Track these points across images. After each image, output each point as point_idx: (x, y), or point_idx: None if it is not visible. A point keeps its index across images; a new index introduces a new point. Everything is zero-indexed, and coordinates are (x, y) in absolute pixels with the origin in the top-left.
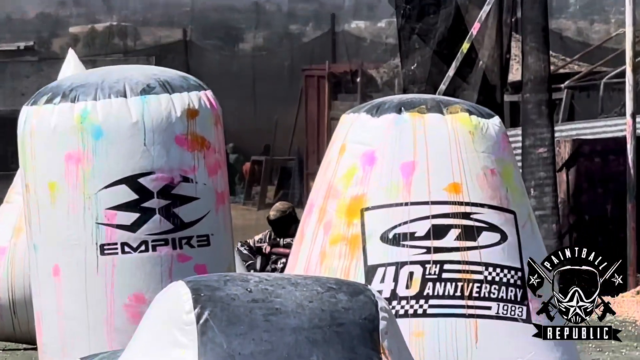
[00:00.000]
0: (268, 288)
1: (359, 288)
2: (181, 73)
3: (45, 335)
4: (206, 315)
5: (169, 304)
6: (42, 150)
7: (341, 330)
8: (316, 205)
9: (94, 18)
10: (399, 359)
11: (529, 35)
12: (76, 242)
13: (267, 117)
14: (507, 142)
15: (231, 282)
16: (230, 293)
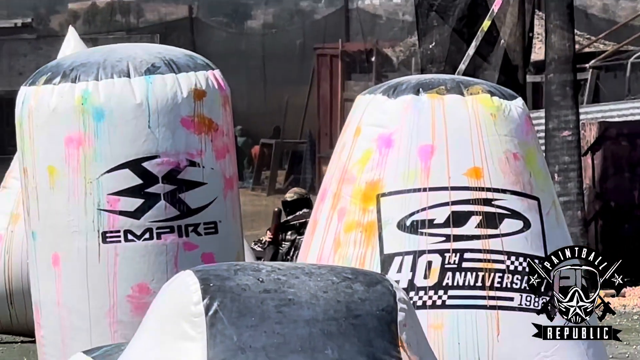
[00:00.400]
0: (281, 278)
1: (376, 278)
2: (188, 52)
3: (44, 328)
4: (215, 306)
5: (177, 295)
6: (41, 133)
7: (357, 322)
8: (330, 191)
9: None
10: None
11: (552, 13)
12: (77, 229)
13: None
14: (531, 125)
15: (242, 272)
16: (240, 283)
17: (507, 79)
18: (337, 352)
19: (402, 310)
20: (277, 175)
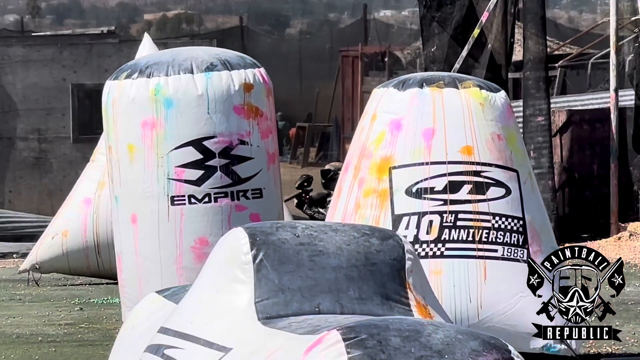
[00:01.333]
0: (313, 233)
1: (388, 234)
2: (239, 53)
3: (124, 272)
4: (261, 256)
5: (230, 247)
6: (122, 118)
7: (374, 269)
8: (352, 164)
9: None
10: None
11: (529, 23)
12: (150, 194)
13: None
14: (511, 112)
15: (282, 229)
16: (281, 237)
17: (493, 75)
18: (357, 292)
19: (409, 259)
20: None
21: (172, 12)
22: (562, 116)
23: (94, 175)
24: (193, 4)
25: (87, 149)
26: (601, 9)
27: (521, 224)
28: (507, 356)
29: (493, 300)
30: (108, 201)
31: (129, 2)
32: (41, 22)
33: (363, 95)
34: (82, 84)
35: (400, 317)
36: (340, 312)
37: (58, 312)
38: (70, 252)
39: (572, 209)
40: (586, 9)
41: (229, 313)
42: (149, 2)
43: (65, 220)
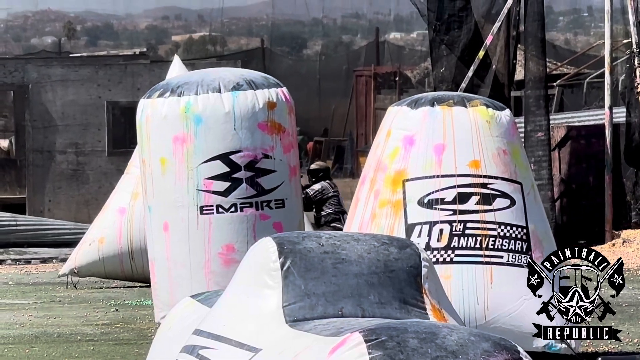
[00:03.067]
0: (336, 243)
1: (406, 243)
2: (263, 74)
3: (157, 276)
4: (288, 263)
5: (260, 255)
6: (155, 133)
7: (392, 275)
8: (368, 177)
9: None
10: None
11: (529, 45)
12: (181, 204)
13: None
14: (516, 129)
15: (307, 238)
16: (307, 246)
17: (496, 94)
18: (377, 297)
19: (425, 266)
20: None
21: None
22: (560, 131)
23: (127, 186)
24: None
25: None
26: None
27: (525, 232)
28: (517, 356)
29: (499, 303)
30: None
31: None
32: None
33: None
34: (116, 101)
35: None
36: (361, 316)
37: (95, 313)
38: (106, 257)
39: (570, 218)
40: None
41: (258, 316)
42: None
43: (101, 229)
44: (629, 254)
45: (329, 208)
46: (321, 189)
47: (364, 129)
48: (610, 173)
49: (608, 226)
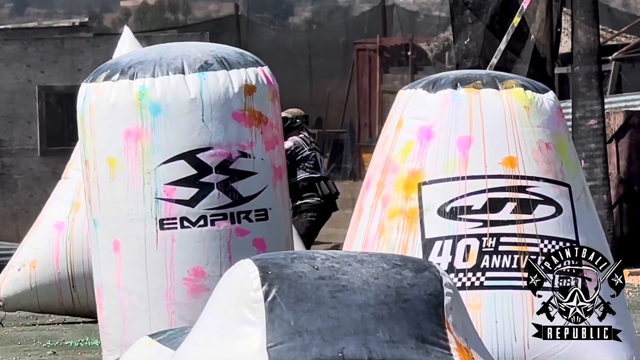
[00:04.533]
0: (334, 265)
1: (423, 264)
2: (238, 49)
3: (106, 309)
4: (274, 292)
5: (237, 282)
6: (101, 127)
7: (407, 306)
8: (374, 180)
9: None
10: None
11: (578, 9)
12: (136, 217)
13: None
14: (562, 117)
15: (298, 260)
16: (297, 270)
17: (537, 71)
18: (388, 334)
19: (448, 294)
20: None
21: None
22: (618, 118)
23: (66, 194)
24: None
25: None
26: None
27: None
28: None
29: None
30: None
31: None
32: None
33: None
34: (51, 86)
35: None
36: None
37: (27, 357)
38: (40, 286)
39: (632, 228)
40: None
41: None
42: None
43: (33, 249)
44: None
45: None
46: (293, 146)
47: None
48: None
49: None
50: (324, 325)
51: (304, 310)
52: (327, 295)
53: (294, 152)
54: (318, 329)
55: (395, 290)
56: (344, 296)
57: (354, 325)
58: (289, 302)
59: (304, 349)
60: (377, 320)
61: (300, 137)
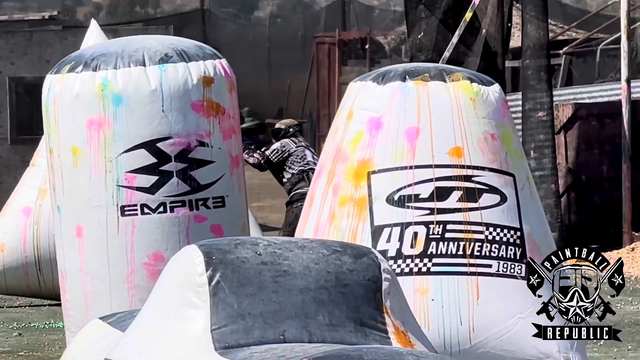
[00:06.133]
0: (276, 251)
1: (362, 250)
2: (197, 42)
3: (69, 293)
4: (218, 277)
5: (183, 267)
6: (65, 117)
7: (346, 290)
8: (325, 169)
9: None
10: (400, 317)
11: (528, 5)
12: (98, 203)
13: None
14: (507, 108)
15: (241, 246)
16: (240, 256)
17: (488, 64)
18: (327, 318)
19: (387, 279)
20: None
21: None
22: (566, 110)
23: (34, 181)
24: None
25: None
26: None
27: (518, 235)
28: None
29: (487, 323)
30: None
31: None
32: None
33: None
34: (20, 77)
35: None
36: (308, 340)
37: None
38: (8, 269)
39: (579, 216)
40: None
41: (182, 342)
42: None
43: (1, 233)
44: None
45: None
46: (280, 146)
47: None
48: (628, 161)
49: (626, 226)
50: (266, 308)
51: (247, 294)
52: (269, 280)
53: (281, 150)
54: (260, 312)
55: (335, 275)
56: (286, 281)
57: (295, 309)
58: (232, 287)
59: (247, 331)
60: (318, 304)
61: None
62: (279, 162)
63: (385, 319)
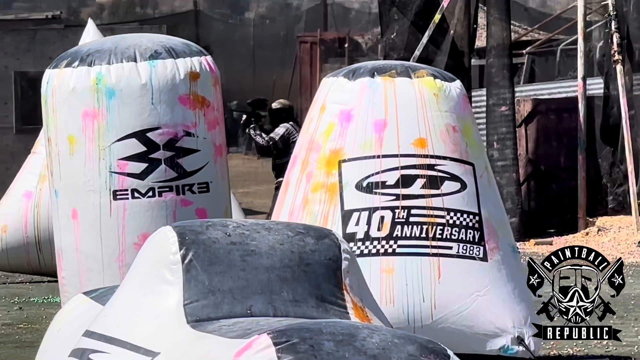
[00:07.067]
0: (245, 232)
1: (324, 232)
2: (185, 40)
3: (65, 270)
4: (190, 256)
5: (158, 246)
6: (62, 108)
7: (308, 269)
8: (299, 157)
9: None
10: (359, 294)
11: (492, 7)
12: (92, 188)
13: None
14: (467, 103)
15: (212, 227)
16: (211, 237)
17: (455, 63)
18: (291, 294)
19: (346, 259)
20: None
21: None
22: (527, 105)
23: (35, 167)
24: None
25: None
26: None
27: (477, 219)
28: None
29: (448, 300)
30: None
31: None
32: None
33: None
34: (25, 71)
35: (335, 320)
36: (273, 315)
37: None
38: (10, 248)
39: (538, 203)
40: None
41: (156, 315)
42: None
43: (4, 215)
44: (604, 244)
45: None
46: (286, 132)
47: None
48: (583, 152)
49: (581, 213)
50: (235, 285)
51: (217, 272)
52: (238, 259)
53: (286, 136)
54: (229, 288)
55: (299, 255)
56: (253, 260)
57: (261, 286)
58: (203, 265)
59: (217, 306)
60: (282, 281)
61: (290, 124)
62: (284, 146)
63: (344, 296)
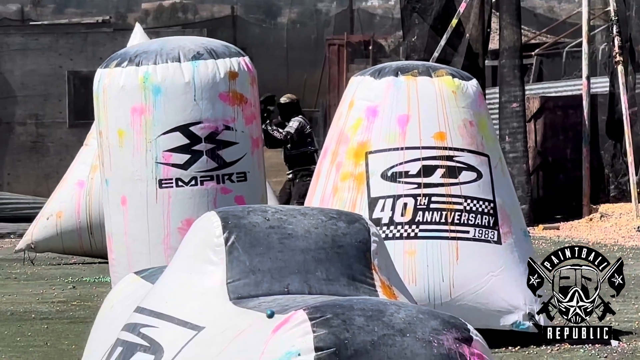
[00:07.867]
0: (282, 217)
1: (354, 217)
2: (224, 42)
3: (114, 252)
4: (233, 238)
5: (203, 230)
6: (112, 104)
7: (340, 251)
8: (329, 150)
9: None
10: (386, 274)
11: (504, 13)
12: (139, 177)
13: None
14: (483, 100)
15: (253, 212)
16: (252, 221)
17: (470, 63)
18: (325, 274)
19: (374, 242)
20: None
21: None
22: (536, 102)
23: (87, 158)
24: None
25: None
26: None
27: (492, 206)
28: (466, 335)
29: (465, 280)
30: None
31: None
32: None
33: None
34: (77, 71)
35: (365, 297)
36: (308, 293)
37: (51, 290)
38: (64, 232)
39: (546, 191)
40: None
41: (202, 293)
42: None
43: (59, 202)
44: (606, 229)
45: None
46: (300, 126)
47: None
48: (587, 145)
49: (585, 200)
50: (273, 265)
51: (257, 253)
52: (276, 242)
53: (299, 129)
54: (268, 268)
55: (332, 238)
56: (290, 242)
57: (297, 266)
58: (245, 247)
59: (257, 284)
60: (316, 262)
61: (302, 118)
62: (298, 139)
63: (373, 275)
